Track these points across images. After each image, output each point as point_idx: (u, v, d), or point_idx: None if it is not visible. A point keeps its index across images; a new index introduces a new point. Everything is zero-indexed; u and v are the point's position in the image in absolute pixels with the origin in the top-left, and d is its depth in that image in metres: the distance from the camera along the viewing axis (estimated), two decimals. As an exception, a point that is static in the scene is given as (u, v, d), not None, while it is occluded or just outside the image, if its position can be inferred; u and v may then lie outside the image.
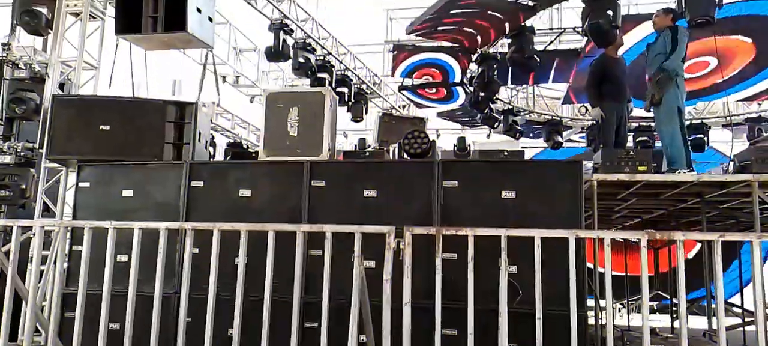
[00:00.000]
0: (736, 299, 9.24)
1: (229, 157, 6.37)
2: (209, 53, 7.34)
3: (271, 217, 4.36)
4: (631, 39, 9.00)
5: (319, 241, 3.57)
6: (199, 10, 6.32)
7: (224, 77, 11.67)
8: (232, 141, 11.59)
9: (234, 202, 4.72)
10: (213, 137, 10.54)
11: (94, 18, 6.93)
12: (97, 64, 6.81)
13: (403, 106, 13.92)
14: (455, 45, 8.76)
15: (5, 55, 6.41)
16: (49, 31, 6.66)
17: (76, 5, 6.74)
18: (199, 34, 6.35)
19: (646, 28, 8.58)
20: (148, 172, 5.04)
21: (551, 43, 9.99)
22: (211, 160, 6.03)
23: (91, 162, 5.15)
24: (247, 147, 10.44)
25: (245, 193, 4.72)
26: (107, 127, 5.20)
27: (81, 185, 5.09)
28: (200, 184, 4.82)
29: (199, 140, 5.39)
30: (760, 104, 12.28)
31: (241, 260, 3.44)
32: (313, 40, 10.50)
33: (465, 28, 8.01)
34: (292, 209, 4.59)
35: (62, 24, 6.62)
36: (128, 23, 6.32)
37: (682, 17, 6.45)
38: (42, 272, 5.35)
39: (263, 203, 4.69)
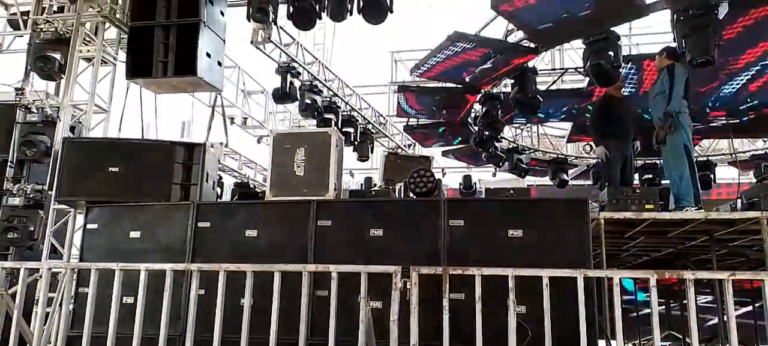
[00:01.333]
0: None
1: (235, 198, 6.41)
2: (218, 96, 7.48)
3: (278, 257, 4.35)
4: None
5: (326, 281, 3.56)
6: (208, 55, 6.48)
7: (232, 119, 11.83)
8: (239, 181, 11.67)
9: (240, 242, 4.72)
10: (220, 178, 10.65)
11: (105, 63, 7.11)
12: (107, 107, 6.94)
13: (409, 146, 14.01)
14: (459, 85, 8.88)
15: (18, 99, 6.55)
16: (62, 75, 6.82)
17: (88, 51, 6.92)
18: (208, 78, 6.50)
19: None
20: (155, 213, 5.07)
21: (554, 83, 10.12)
22: (218, 200, 6.05)
23: (100, 203, 5.19)
24: (254, 187, 10.51)
25: (251, 233, 4.72)
26: (116, 169, 5.26)
27: (89, 226, 5.12)
28: (207, 224, 4.84)
29: (207, 181, 5.44)
30: (765, 141, 12.28)
31: (246, 302, 3.43)
32: (320, 82, 10.68)
33: (468, 69, 8.13)
34: (299, 249, 4.59)
35: (75, 69, 6.78)
36: (139, 67, 6.49)
37: (681, 57, 6.51)
38: (47, 314, 5.33)
39: (269, 243, 4.69)
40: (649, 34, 10.44)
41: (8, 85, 6.78)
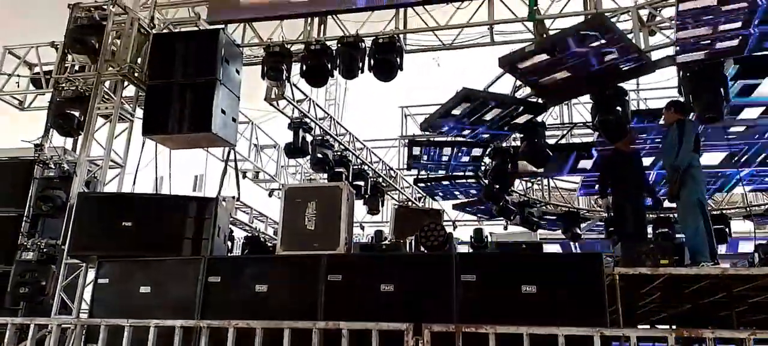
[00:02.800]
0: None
1: (246, 252, 6.42)
2: (231, 150, 7.60)
3: (288, 313, 4.31)
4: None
5: (337, 338, 3.51)
6: (223, 112, 6.66)
7: (244, 173, 11.96)
8: (249, 235, 11.67)
9: (250, 297, 4.69)
10: (231, 231, 10.69)
11: (123, 119, 7.28)
12: (123, 163, 7.07)
13: (419, 199, 14.02)
14: (468, 139, 8.96)
15: (37, 155, 6.70)
16: (80, 132, 6.98)
17: (106, 108, 7.11)
18: (222, 134, 6.66)
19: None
20: (166, 267, 5.08)
21: (563, 137, 10.18)
22: (229, 255, 6.06)
23: (112, 258, 5.21)
24: (265, 241, 10.51)
25: (262, 288, 4.70)
26: (129, 224, 5.32)
27: (100, 281, 5.13)
28: (217, 279, 4.83)
29: (218, 235, 5.47)
30: (779, 194, 12.15)
31: (256, 359, 3.38)
32: (331, 136, 10.83)
33: (477, 123, 8.22)
34: (309, 305, 4.54)
35: (92, 126, 6.95)
36: (155, 124, 6.67)
37: (690, 112, 6.54)
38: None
39: (279, 299, 4.66)
40: (657, 89, 10.55)
41: (28, 141, 6.94)
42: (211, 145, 8.60)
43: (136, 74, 7.36)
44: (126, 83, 7.38)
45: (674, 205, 6.11)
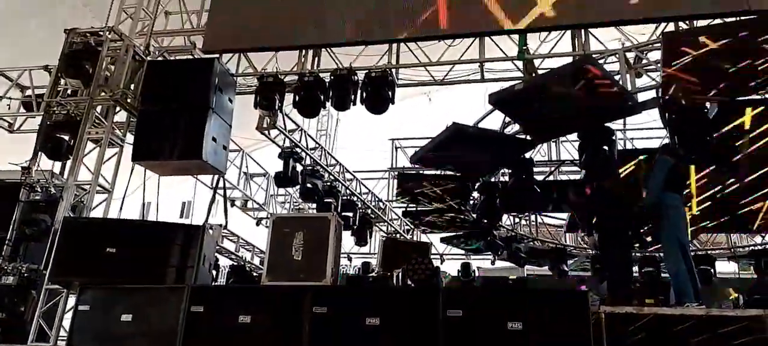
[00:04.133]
0: None
1: (231, 281, 6.36)
2: (220, 178, 7.60)
3: (271, 345, 4.27)
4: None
5: (319, 372, 3.47)
6: (214, 140, 6.69)
7: (233, 201, 11.92)
8: (235, 264, 11.58)
9: (233, 328, 4.64)
10: (217, 260, 10.60)
11: (113, 145, 7.27)
12: (110, 188, 7.03)
13: (408, 231, 14.01)
14: (457, 173, 9.03)
15: (24, 178, 6.65)
16: (69, 156, 6.96)
17: (97, 133, 7.11)
18: (212, 162, 6.67)
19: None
20: (149, 296, 5.02)
21: (550, 173, 10.30)
22: (213, 284, 6.00)
23: (94, 284, 5.14)
24: (251, 270, 10.43)
25: (245, 319, 4.65)
26: (113, 250, 5.27)
27: (80, 308, 5.05)
28: (200, 309, 4.77)
29: (203, 264, 5.43)
30: (763, 236, 12.29)
31: (237, 392, 3.33)
32: (322, 166, 10.86)
33: (466, 158, 8.30)
34: (293, 337, 4.51)
35: (82, 150, 6.93)
36: (146, 150, 6.68)
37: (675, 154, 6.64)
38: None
39: (263, 330, 4.61)
40: (644, 129, 10.76)
41: (16, 164, 6.89)
42: (200, 173, 8.58)
43: (128, 100, 7.38)
44: (118, 109, 7.39)
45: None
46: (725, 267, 12.72)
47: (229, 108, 7.35)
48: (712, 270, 11.82)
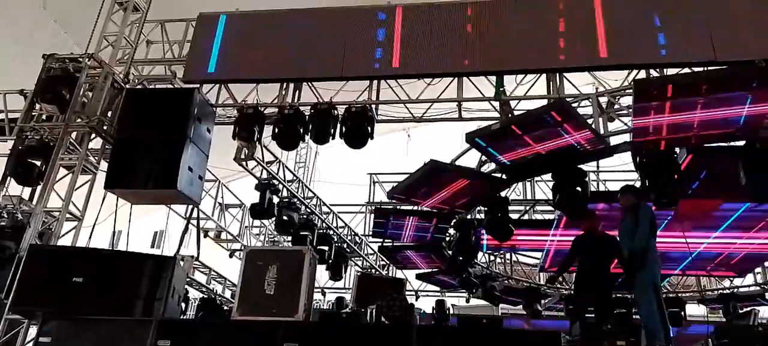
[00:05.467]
0: None
1: (200, 315, 6.22)
2: (194, 209, 7.51)
3: (239, 382, 4.17)
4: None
5: (288, 411, 3.39)
6: (190, 170, 6.63)
7: (206, 232, 11.73)
8: (205, 297, 11.32)
9: (201, 364, 4.52)
10: (187, 292, 10.36)
11: (86, 172, 7.15)
12: (81, 216, 6.88)
13: (383, 267, 13.93)
14: (434, 209, 9.07)
15: (-10, 204, 6.48)
16: (40, 182, 6.81)
17: (70, 159, 6.99)
18: (187, 192, 6.60)
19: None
20: (115, 328, 4.86)
21: (525, 212, 10.42)
22: (182, 318, 5.85)
23: (57, 316, 4.97)
24: (221, 304, 10.21)
25: (214, 354, 4.55)
26: (80, 280, 5.11)
27: (41, 339, 4.86)
28: (167, 343, 4.63)
29: (172, 296, 5.30)
30: (731, 280, 12.55)
31: None
32: (298, 199, 10.81)
33: (443, 195, 8.36)
34: (262, 374, 4.40)
35: (53, 176, 6.80)
36: (119, 178, 6.58)
37: (645, 196, 6.80)
38: None
39: (232, 367, 4.50)
40: (616, 171, 10.99)
41: (-17, 189, 6.72)
42: (174, 203, 8.47)
43: (104, 127, 7.31)
44: (93, 135, 7.30)
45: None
46: (695, 310, 12.91)
47: (207, 138, 7.32)
48: (682, 313, 12.01)
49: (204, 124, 7.19)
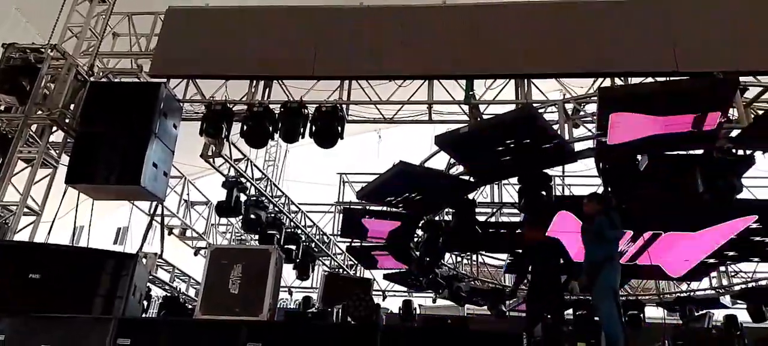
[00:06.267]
0: None
1: (163, 313, 6.12)
2: (159, 205, 7.37)
3: (201, 382, 4.12)
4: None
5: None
6: (155, 166, 6.51)
7: (171, 229, 11.53)
8: (168, 295, 11.13)
9: (162, 364, 4.45)
10: (149, 290, 10.15)
11: (46, 165, 6.94)
12: (39, 210, 6.68)
13: (351, 267, 13.93)
14: (402, 210, 9.12)
15: (-58, 197, 6.24)
16: (-3, 175, 6.59)
17: (29, 152, 6.78)
18: (151, 188, 6.47)
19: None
20: (73, 326, 4.74)
21: (492, 215, 10.57)
22: (143, 316, 5.74)
23: (12, 313, 4.82)
24: (185, 303, 10.05)
25: (175, 354, 4.48)
26: (37, 276, 4.96)
27: (-5, 337, 4.71)
28: (127, 342, 4.54)
29: (134, 294, 5.19)
30: (688, 284, 12.96)
31: None
32: (266, 197, 10.71)
33: (411, 196, 8.42)
34: (225, 374, 4.36)
35: (12, 169, 6.59)
36: (81, 173, 6.41)
37: (608, 202, 6.98)
38: None
39: (193, 366, 4.44)
40: (581, 176, 11.25)
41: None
42: (138, 199, 8.30)
43: (67, 120, 7.11)
44: (54, 128, 7.09)
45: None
46: (653, 312, 13.31)
47: (173, 134, 7.20)
48: (641, 315, 12.37)
49: (170, 119, 7.07)
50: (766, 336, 8.42)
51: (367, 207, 10.08)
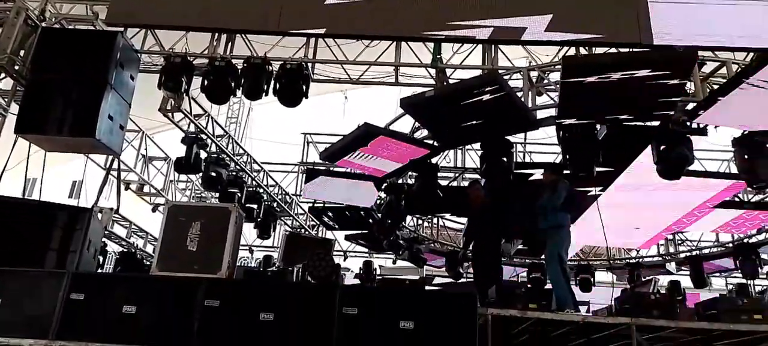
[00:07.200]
0: None
1: (118, 269, 6.02)
2: (115, 159, 7.15)
3: (156, 338, 4.08)
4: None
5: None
6: (111, 118, 6.28)
7: (128, 184, 11.23)
8: (125, 251, 10.92)
9: (116, 319, 4.37)
10: (105, 245, 9.94)
11: (-7, 114, 6.61)
12: (-14, 161, 6.39)
13: (313, 227, 13.94)
14: (365, 172, 9.14)
15: None
16: (-61, 123, 6.24)
17: (-24, 100, 6.43)
18: (106, 141, 6.25)
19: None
20: (23, 280, 4.62)
21: (454, 179, 10.72)
22: (98, 271, 5.63)
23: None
24: (142, 259, 9.89)
25: (130, 310, 4.40)
26: (-15, 229, 4.79)
27: (-60, 291, 4.55)
28: (80, 296, 4.45)
29: (88, 249, 5.08)
30: (638, 251, 13.56)
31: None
32: (228, 155, 10.53)
33: (375, 157, 8.43)
34: (181, 331, 4.33)
35: (-45, 117, 6.24)
36: (32, 122, 6.13)
37: (565, 171, 7.16)
38: None
39: (149, 322, 4.39)
40: (543, 144, 11.48)
41: None
42: (92, 152, 8.01)
43: (16, 67, 6.75)
44: (2, 75, 6.73)
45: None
46: (604, 277, 13.90)
47: (130, 86, 6.93)
48: (591, 279, 12.91)
49: (127, 70, 6.79)
50: (706, 301, 8.90)
51: (331, 168, 10.06)
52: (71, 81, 6.27)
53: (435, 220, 13.35)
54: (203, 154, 9.74)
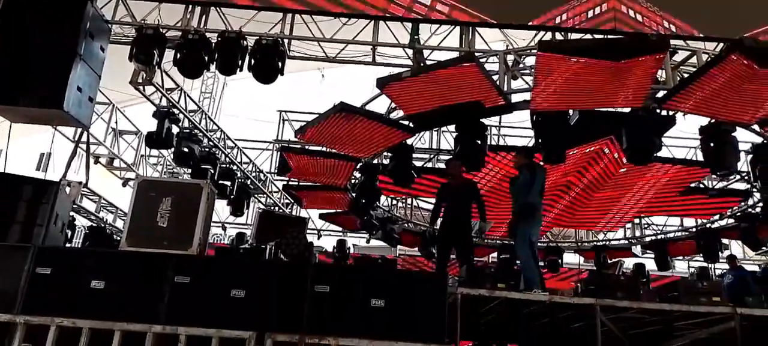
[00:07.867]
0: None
1: (87, 244, 5.92)
2: (84, 132, 6.97)
3: (124, 314, 4.02)
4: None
5: (174, 344, 3.36)
6: (80, 90, 6.09)
7: (97, 158, 10.98)
8: (94, 226, 10.73)
9: (84, 294, 4.29)
10: (73, 220, 9.75)
11: (-45, 82, 6.34)
12: (-54, 130, 6.17)
13: (287, 205, 13.89)
14: (340, 152, 9.12)
15: None
16: None
17: (-65, 66, 6.16)
18: (75, 113, 6.08)
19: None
20: (-14, 253, 4.50)
21: (429, 160, 10.78)
22: (66, 246, 5.52)
23: None
24: (112, 234, 9.74)
25: (98, 285, 4.31)
26: (-55, 201, 4.64)
27: None
28: (47, 271, 4.36)
29: (55, 223, 4.97)
30: (605, 234, 13.89)
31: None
32: (201, 131, 10.37)
33: (350, 137, 8.42)
34: (150, 306, 4.27)
35: None
36: (-5, 91, 5.91)
37: (537, 154, 7.26)
38: None
39: (117, 298, 4.30)
40: (517, 127, 11.60)
41: None
42: (61, 124, 7.80)
43: (-22, 34, 6.48)
44: (-37, 42, 6.46)
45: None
46: (571, 259, 14.24)
47: (100, 57, 6.72)
48: (560, 261, 13.21)
49: (97, 41, 6.58)
50: (668, 283, 9.22)
51: (306, 147, 10.00)
52: (38, 51, 6.05)
53: (408, 200, 13.42)
54: (175, 129, 9.58)
